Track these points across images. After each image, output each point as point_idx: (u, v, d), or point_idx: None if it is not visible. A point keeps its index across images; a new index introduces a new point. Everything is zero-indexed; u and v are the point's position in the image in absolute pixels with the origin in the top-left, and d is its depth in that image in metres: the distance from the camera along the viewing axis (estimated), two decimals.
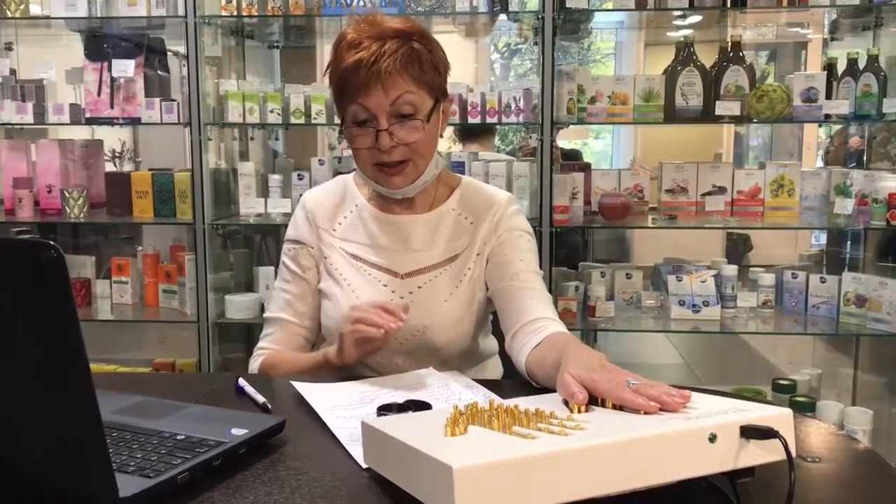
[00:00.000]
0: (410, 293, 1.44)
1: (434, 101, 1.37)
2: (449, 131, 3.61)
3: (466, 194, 1.50)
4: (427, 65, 1.35)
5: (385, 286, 1.44)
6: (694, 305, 2.75)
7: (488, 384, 1.27)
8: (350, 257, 1.47)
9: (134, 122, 2.93)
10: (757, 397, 2.72)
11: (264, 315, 1.56)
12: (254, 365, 1.49)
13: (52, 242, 0.71)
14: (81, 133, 3.29)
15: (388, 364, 1.43)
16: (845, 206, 2.65)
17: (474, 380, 1.30)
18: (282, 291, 1.51)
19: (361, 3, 2.75)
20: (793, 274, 2.84)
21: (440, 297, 1.44)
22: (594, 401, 0.95)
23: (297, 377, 1.36)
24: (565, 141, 6.02)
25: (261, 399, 1.17)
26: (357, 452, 0.96)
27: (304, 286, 1.50)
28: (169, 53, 3.07)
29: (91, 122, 2.97)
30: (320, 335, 1.53)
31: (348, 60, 1.31)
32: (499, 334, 1.50)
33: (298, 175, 2.86)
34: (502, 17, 2.89)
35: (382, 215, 1.47)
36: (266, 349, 1.50)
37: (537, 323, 1.33)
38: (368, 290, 1.44)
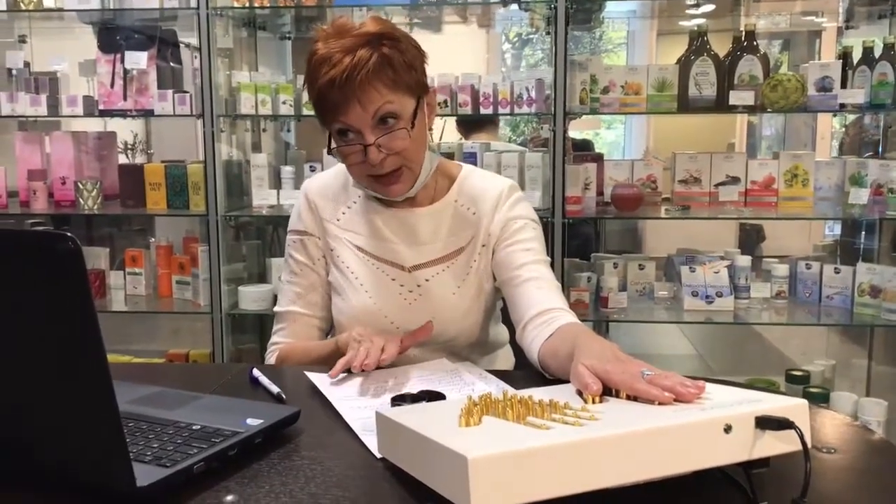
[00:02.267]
0: (418, 286, 1.43)
1: (416, 100, 1.34)
2: (452, 123, 3.59)
3: (467, 184, 1.48)
4: (400, 67, 1.30)
5: (393, 280, 1.44)
6: (707, 296, 2.74)
7: (501, 375, 1.27)
8: (356, 249, 1.47)
9: (147, 114, 2.94)
10: (770, 388, 2.71)
11: (274, 310, 1.54)
12: (268, 361, 1.49)
13: (68, 234, 0.72)
14: (94, 125, 3.31)
15: (401, 357, 1.43)
16: (860, 195, 2.63)
17: (487, 370, 1.30)
18: (291, 284, 1.50)
19: None
20: (807, 264, 2.82)
21: (448, 291, 1.43)
22: (608, 391, 0.95)
23: (311, 367, 1.36)
24: (576, 131, 5.99)
25: (275, 389, 1.18)
26: (371, 442, 0.97)
27: (314, 277, 1.49)
28: (181, 45, 3.07)
29: (104, 114, 2.98)
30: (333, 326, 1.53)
31: (321, 81, 1.28)
32: (509, 324, 1.50)
33: (310, 166, 2.86)
34: (514, 6, 2.88)
35: (385, 209, 1.46)
36: (279, 343, 1.50)
37: (548, 314, 1.32)
38: (377, 284, 1.44)
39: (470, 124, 3.58)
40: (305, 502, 0.84)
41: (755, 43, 2.67)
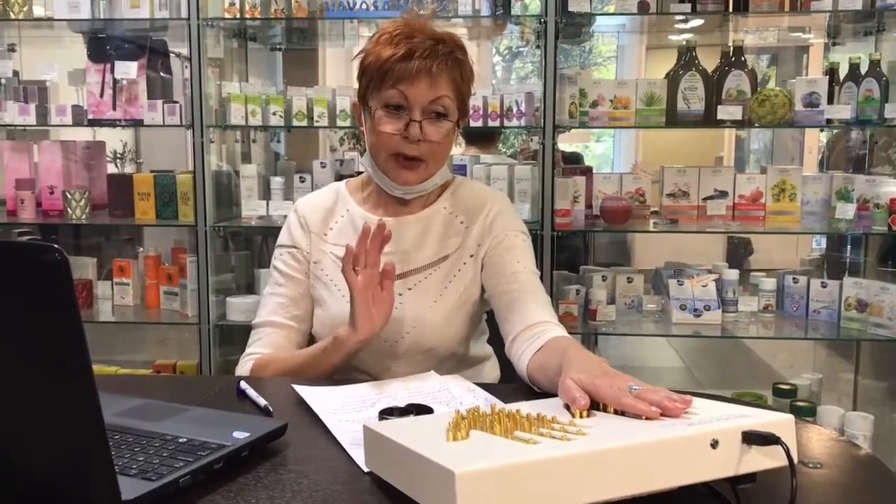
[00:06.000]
0: (400, 294, 1.43)
1: (458, 114, 1.41)
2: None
3: (459, 193, 1.50)
4: (466, 77, 1.40)
5: None
6: (695, 309, 2.75)
7: (489, 388, 1.27)
8: (340, 262, 1.46)
9: (136, 123, 2.93)
10: (757, 402, 2.72)
11: (252, 322, 1.50)
12: (241, 371, 1.45)
13: (55, 245, 0.71)
14: (83, 134, 3.29)
15: (383, 370, 1.43)
16: (846, 210, 2.64)
17: (475, 383, 1.30)
18: (274, 296, 1.48)
19: (364, 7, 2.75)
20: (794, 278, 2.84)
21: (430, 298, 1.44)
22: (596, 406, 0.95)
23: (296, 375, 1.34)
24: (566, 144, 6.02)
25: (262, 402, 1.17)
26: (359, 456, 0.97)
27: (302, 288, 1.48)
28: (171, 55, 3.07)
29: (93, 123, 2.97)
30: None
31: (399, 50, 1.33)
32: (498, 338, 1.49)
33: (300, 177, 2.86)
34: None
35: (375, 219, 1.45)
36: (255, 353, 1.45)
37: (538, 327, 1.33)
38: None
39: (472, 135, 3.58)
40: None
41: (743, 58, 2.69)
